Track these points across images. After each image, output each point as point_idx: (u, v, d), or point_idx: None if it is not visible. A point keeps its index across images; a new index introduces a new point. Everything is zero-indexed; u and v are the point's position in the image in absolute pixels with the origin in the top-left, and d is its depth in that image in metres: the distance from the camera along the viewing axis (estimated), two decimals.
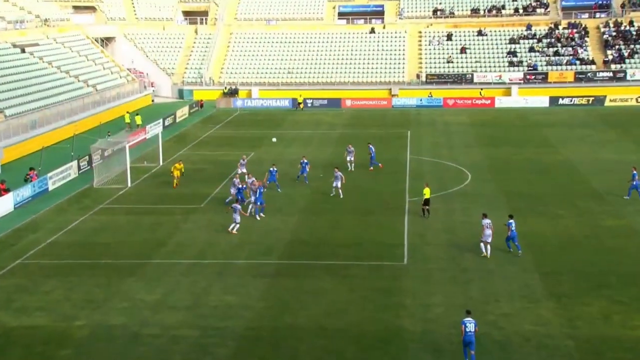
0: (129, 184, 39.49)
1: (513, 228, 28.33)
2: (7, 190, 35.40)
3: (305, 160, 39.96)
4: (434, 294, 24.50)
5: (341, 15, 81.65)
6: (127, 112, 59.82)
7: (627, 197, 35.42)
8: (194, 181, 40.47)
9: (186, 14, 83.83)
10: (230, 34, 79.51)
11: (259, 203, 33.14)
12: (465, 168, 42.91)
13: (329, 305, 23.82)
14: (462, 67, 73.33)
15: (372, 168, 41.87)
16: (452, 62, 73.92)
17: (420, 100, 68.75)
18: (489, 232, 27.77)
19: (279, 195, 36.77)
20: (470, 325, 20.02)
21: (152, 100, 71.68)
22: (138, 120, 58.32)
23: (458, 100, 68.34)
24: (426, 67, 73.75)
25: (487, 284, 25.37)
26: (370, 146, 42.99)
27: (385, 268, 27.04)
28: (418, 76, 72.77)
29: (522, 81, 70.56)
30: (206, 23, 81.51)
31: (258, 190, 33.23)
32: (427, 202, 33.09)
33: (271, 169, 38.01)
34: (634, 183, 35.34)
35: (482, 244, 27.98)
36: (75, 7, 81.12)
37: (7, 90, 53.46)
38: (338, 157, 44.65)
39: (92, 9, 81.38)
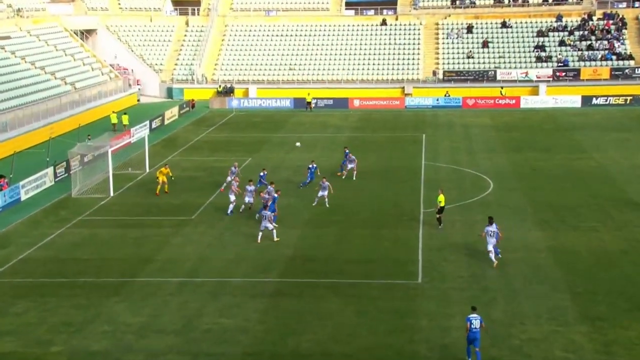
0: (112, 194, 39.64)
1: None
2: None
3: (314, 165, 40.24)
4: (453, 316, 24.53)
5: (349, 5, 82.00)
6: (113, 112, 60.33)
7: None
8: (185, 190, 40.61)
9: (176, 3, 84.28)
10: (225, 26, 79.89)
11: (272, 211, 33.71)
12: (487, 176, 42.99)
13: (336, 328, 23.86)
14: (483, 63, 73.52)
15: (339, 173, 42.18)
16: (472, 57, 74.12)
17: (437, 100, 68.92)
18: (493, 240, 28.71)
19: (280, 206, 36.77)
20: (475, 321, 21.49)
21: (138, 100, 71.98)
22: (125, 120, 58.75)
23: (479, 100, 68.49)
24: (443, 63, 73.95)
25: (511, 304, 25.40)
26: (347, 151, 43.64)
27: (397, 287, 27.09)
28: (434, 73, 72.98)
29: (551, 78, 70.71)
30: (198, 14, 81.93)
31: (273, 198, 33.87)
32: (441, 210, 33.33)
33: (261, 173, 38.72)
34: None
35: (490, 254, 28.71)
36: None
37: None
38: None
39: None
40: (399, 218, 34.84)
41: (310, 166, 40.44)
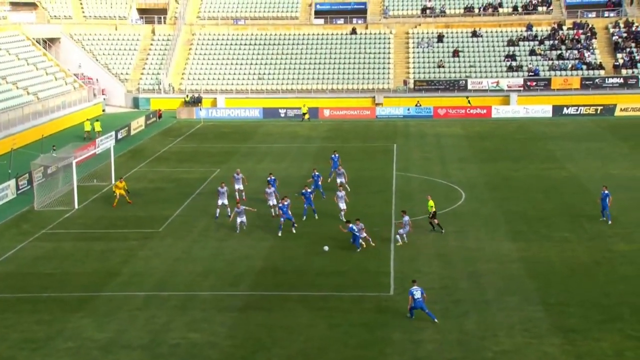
0: (76, 206, 39.25)
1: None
2: None
3: (317, 173, 40.82)
4: (425, 329, 24.63)
5: (318, 14, 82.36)
6: (87, 120, 60.64)
7: None
8: (152, 202, 40.36)
9: (142, 11, 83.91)
10: (193, 34, 79.72)
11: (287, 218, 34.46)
12: (459, 186, 43.33)
13: (306, 342, 23.84)
14: (454, 72, 74.25)
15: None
16: (443, 66, 74.81)
17: (408, 109, 69.38)
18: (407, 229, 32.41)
19: (249, 217, 36.68)
20: (417, 292, 24.82)
21: (103, 110, 71.44)
22: (97, 127, 58.81)
23: (450, 110, 69.10)
24: (414, 73, 74.54)
25: (484, 316, 25.58)
26: (336, 156, 44.45)
27: (369, 299, 27.15)
28: (405, 82, 73.51)
29: (522, 88, 71.61)
30: (165, 22, 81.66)
31: (285, 205, 34.45)
32: (434, 215, 34.34)
33: (269, 178, 39.48)
34: None
35: (397, 236, 32.31)
36: (13, 4, 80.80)
37: None
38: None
39: (32, 5, 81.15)
40: (370, 229, 34.85)
41: (313, 174, 40.89)
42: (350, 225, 32.17)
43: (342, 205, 36.54)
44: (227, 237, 33.45)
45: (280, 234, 34.13)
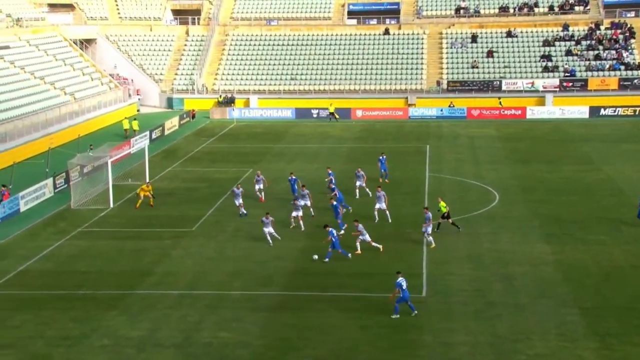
0: (111, 205, 39.72)
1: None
2: None
3: (330, 172, 41.17)
4: (457, 331, 24.51)
5: (351, 14, 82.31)
6: (126, 118, 61.94)
7: None
8: (185, 202, 40.69)
9: (176, 12, 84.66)
10: (226, 35, 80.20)
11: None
12: (492, 188, 43.02)
13: (337, 343, 23.86)
14: (488, 72, 73.70)
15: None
16: (477, 67, 74.31)
17: (441, 110, 69.03)
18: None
19: (281, 218, 36.85)
20: (404, 283, 25.35)
21: (138, 110, 72.18)
22: (135, 125, 59.89)
23: (484, 111, 68.61)
24: (448, 73, 74.15)
25: (517, 319, 25.37)
26: (383, 157, 44.60)
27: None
28: (438, 83, 73.16)
29: (557, 89, 70.83)
30: (198, 23, 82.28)
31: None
32: (445, 216, 34.22)
33: (290, 177, 40.19)
34: None
35: (427, 236, 32.15)
36: (51, 6, 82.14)
37: None
38: (346, 175, 44.81)
39: (70, 7, 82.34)
40: (402, 230, 34.83)
41: (328, 172, 41.22)
42: (330, 229, 31.11)
43: (381, 205, 36.23)
44: (259, 238, 33.58)
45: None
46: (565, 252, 31.86)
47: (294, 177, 40.66)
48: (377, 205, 36.36)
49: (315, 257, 31.18)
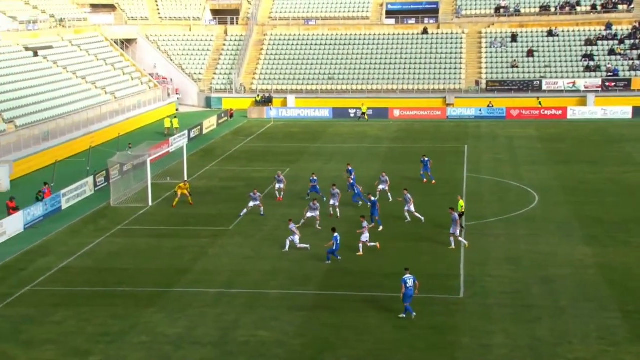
0: (150, 203, 40.11)
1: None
2: (16, 209, 36.28)
3: (350, 168, 41.54)
4: (495, 333, 24.24)
5: (389, 13, 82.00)
6: (167, 117, 63.11)
7: None
8: (222, 201, 40.91)
9: (215, 12, 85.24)
10: (264, 35, 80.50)
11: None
12: (532, 189, 42.50)
13: (374, 343, 23.76)
14: (528, 72, 72.85)
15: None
16: (517, 66, 73.49)
17: (480, 110, 68.42)
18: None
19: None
20: (409, 281, 25.08)
21: (177, 109, 72.82)
22: (176, 123, 60.82)
23: (523, 111, 67.83)
24: (487, 73, 73.46)
25: (557, 323, 25.01)
26: (426, 159, 44.41)
27: (438, 302, 26.89)
28: (477, 83, 72.52)
29: (600, 89, 69.72)
30: (237, 23, 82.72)
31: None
32: (462, 215, 34.12)
33: (312, 178, 40.27)
34: None
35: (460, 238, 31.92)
36: (93, 6, 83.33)
37: (19, 98, 55.01)
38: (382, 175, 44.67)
39: (111, 7, 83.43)
40: (440, 231, 34.56)
41: (348, 168, 41.38)
42: (336, 234, 30.48)
43: (410, 207, 36.10)
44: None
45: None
46: (607, 255, 31.32)
47: (315, 178, 40.69)
48: (406, 207, 36.24)
49: (307, 246, 31.81)
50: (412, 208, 36.16)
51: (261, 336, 24.29)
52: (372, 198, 35.95)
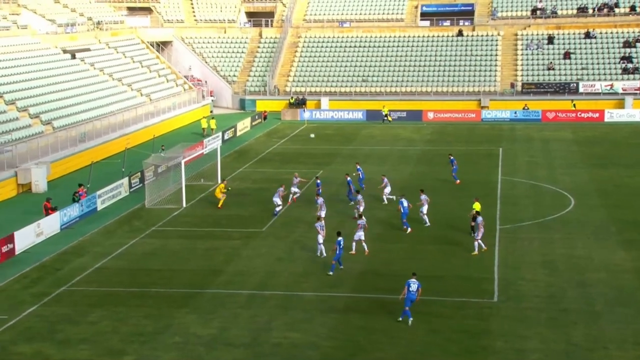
0: (184, 205, 40.42)
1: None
2: (54, 209, 36.82)
3: (359, 167, 41.79)
4: (530, 338, 23.98)
5: (424, 15, 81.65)
6: (204, 117, 64.16)
7: None
8: (255, 202, 41.07)
9: (250, 15, 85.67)
10: (298, 37, 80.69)
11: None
12: (568, 192, 41.98)
13: (407, 346, 23.65)
14: (565, 74, 71.98)
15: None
16: (553, 69, 72.67)
17: (515, 113, 67.79)
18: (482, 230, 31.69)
19: (349, 219, 36.87)
20: (413, 285, 25.11)
21: (211, 111, 73.28)
22: (213, 124, 61.58)
23: (560, 114, 67.03)
24: (522, 75, 72.76)
25: (593, 327, 24.66)
26: (452, 158, 44.37)
27: (471, 306, 26.68)
28: (512, 85, 71.86)
29: (638, 91, 68.62)
30: (272, 25, 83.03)
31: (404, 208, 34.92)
32: (473, 217, 33.60)
33: (318, 181, 40.59)
34: None
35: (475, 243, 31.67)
36: (130, 9, 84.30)
37: (56, 100, 55.83)
38: (417, 178, 44.53)
39: (147, 10, 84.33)
40: (472, 235, 34.26)
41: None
42: (340, 239, 29.88)
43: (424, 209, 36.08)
44: (328, 239, 33.56)
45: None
46: None
47: (349, 179, 40.80)
48: (421, 210, 36.18)
49: (312, 135, 32.15)
50: (425, 210, 35.99)
51: (293, 338, 24.33)
52: (402, 199, 35.50)
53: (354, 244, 32.01)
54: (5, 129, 47.86)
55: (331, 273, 29.82)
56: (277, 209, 38.18)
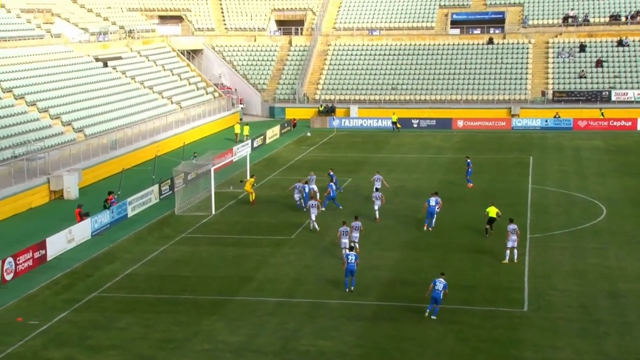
0: (213, 212, 40.63)
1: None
2: (86, 215, 37.22)
3: (379, 175, 42.27)
4: (561, 349, 23.70)
5: (454, 23, 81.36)
6: (237, 123, 65.53)
7: None
8: (284, 210, 41.15)
9: (280, 23, 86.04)
10: (328, 45, 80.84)
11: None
12: (599, 201, 41.48)
13: (435, 356, 23.52)
14: (597, 83, 71.23)
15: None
16: (585, 77, 71.95)
17: (545, 121, 67.21)
18: (514, 237, 31.21)
19: (378, 227, 36.81)
20: (439, 284, 25.72)
21: (241, 119, 73.66)
22: (246, 131, 62.31)
23: (591, 122, 66.33)
24: (553, 83, 72.14)
25: (625, 339, 24.32)
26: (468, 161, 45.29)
27: (501, 315, 26.45)
28: (543, 93, 71.27)
29: None
30: (301, 33, 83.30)
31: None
32: (491, 221, 34.54)
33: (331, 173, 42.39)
34: None
35: (507, 250, 31.39)
36: (161, 17, 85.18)
37: (88, 108, 56.51)
38: (446, 186, 44.26)
39: (178, 18, 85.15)
40: (503, 243, 33.99)
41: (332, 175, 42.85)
42: (350, 252, 29.23)
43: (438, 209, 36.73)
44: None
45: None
46: None
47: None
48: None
49: (309, 134, 33.56)
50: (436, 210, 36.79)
51: (321, 346, 24.30)
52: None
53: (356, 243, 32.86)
54: (38, 136, 48.54)
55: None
56: (299, 203, 40.00)
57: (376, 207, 38.03)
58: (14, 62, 56.65)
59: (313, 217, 36.50)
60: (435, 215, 36.32)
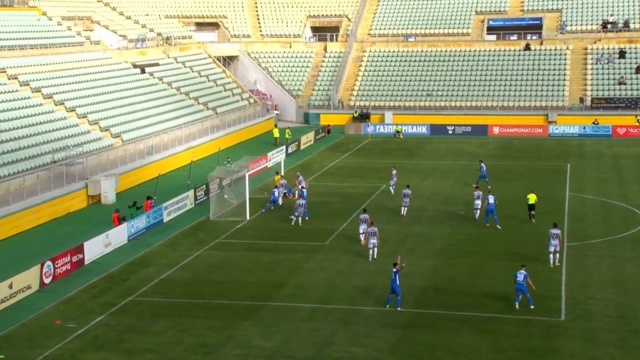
0: (248, 217, 40.79)
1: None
2: (123, 219, 37.62)
3: (394, 172, 43.89)
4: (599, 359, 23.30)
5: (491, 30, 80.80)
6: (276, 127, 66.29)
7: None
8: (318, 216, 41.14)
9: (315, 29, 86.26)
10: (363, 51, 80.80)
11: None
12: (639, 209, 40.75)
13: None
14: (637, 89, 70.10)
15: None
16: (624, 83, 70.91)
17: (584, 128, 66.34)
18: (555, 242, 31.56)
19: (412, 234, 36.62)
20: (520, 276, 26.97)
21: (275, 125, 73.91)
22: (287, 134, 63.79)
23: (631, 129, 65.31)
24: (592, 90, 71.19)
25: None
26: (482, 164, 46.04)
27: (537, 324, 26.10)
28: (581, 100, 70.37)
29: None
30: (337, 40, 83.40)
31: None
32: (531, 207, 36.82)
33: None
34: None
35: (550, 255, 31.74)
36: (198, 24, 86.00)
37: (126, 114, 57.20)
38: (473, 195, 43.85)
39: (215, 25, 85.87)
40: (540, 251, 33.59)
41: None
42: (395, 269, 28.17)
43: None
44: (390, 254, 33.41)
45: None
46: None
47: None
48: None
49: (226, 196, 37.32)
50: (477, 204, 38.13)
51: (355, 352, 24.21)
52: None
53: (362, 236, 34.31)
54: (76, 142, 49.26)
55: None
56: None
57: (404, 204, 39.60)
58: (54, 69, 57.62)
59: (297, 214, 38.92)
60: (494, 212, 37.24)
